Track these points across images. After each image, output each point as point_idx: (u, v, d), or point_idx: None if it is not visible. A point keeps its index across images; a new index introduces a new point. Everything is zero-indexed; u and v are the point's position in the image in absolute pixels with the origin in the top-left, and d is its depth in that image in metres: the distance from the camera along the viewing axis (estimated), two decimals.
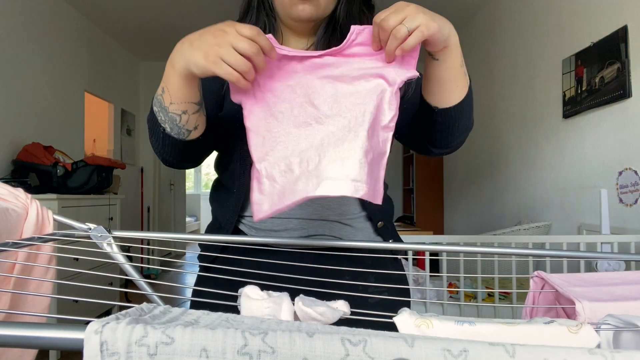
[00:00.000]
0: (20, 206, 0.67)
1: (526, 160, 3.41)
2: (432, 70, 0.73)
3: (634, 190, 2.27)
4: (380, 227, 0.89)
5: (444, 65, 0.71)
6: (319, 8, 0.83)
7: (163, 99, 0.71)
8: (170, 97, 0.70)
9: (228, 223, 0.87)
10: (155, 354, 0.33)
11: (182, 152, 0.79)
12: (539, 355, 0.33)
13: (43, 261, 0.68)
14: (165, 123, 0.73)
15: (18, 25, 3.38)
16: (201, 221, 10.08)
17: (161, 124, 0.74)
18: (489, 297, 2.52)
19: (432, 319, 0.45)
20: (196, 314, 0.40)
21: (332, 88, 0.67)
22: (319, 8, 0.83)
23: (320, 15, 0.85)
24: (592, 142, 2.63)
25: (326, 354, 0.33)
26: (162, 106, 0.72)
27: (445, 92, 0.74)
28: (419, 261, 3.44)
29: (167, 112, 0.72)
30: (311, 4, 0.82)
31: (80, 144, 4.32)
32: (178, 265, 6.22)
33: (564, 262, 2.18)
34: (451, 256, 2.50)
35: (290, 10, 0.84)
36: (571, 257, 0.71)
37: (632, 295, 0.57)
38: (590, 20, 2.64)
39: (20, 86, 3.40)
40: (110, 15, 4.38)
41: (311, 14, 0.83)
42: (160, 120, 0.74)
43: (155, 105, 0.73)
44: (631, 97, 2.30)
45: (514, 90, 3.59)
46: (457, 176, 4.89)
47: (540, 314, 0.65)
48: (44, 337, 0.34)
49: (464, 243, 2.23)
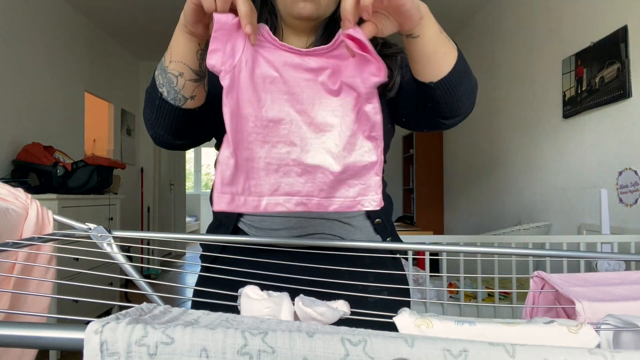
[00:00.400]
0: (20, 206, 0.67)
1: (526, 160, 3.41)
2: (415, 49, 0.71)
3: (634, 190, 2.27)
4: (378, 224, 0.89)
5: (426, 39, 0.69)
6: (319, 7, 0.84)
7: (164, 59, 0.73)
8: (171, 55, 0.71)
9: (228, 221, 0.88)
10: (155, 354, 0.33)
11: (175, 123, 0.78)
12: (539, 355, 0.33)
13: (43, 261, 0.68)
14: (162, 87, 0.74)
15: (18, 25, 3.38)
16: (201, 221, 10.08)
17: (159, 88, 0.74)
18: (489, 297, 2.52)
19: (432, 319, 0.45)
20: (196, 314, 0.40)
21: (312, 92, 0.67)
22: (319, 7, 0.84)
23: (321, 14, 0.85)
24: (592, 142, 2.63)
25: (326, 354, 0.33)
26: (162, 67, 0.73)
27: (435, 64, 0.72)
28: (419, 261, 3.44)
29: (166, 72, 0.73)
30: (312, 2, 0.83)
31: (80, 144, 4.32)
32: (178, 265, 6.22)
33: (564, 262, 2.18)
34: (451, 256, 2.50)
35: (292, 8, 0.84)
36: (571, 257, 0.71)
37: (632, 295, 0.57)
38: (590, 20, 2.64)
39: (20, 86, 3.41)
40: (110, 15, 4.38)
41: (312, 12, 0.84)
42: (159, 83, 0.74)
43: (157, 69, 0.75)
44: (631, 97, 2.30)
45: (514, 90, 3.59)
46: (457, 176, 4.89)
47: (540, 314, 0.65)
48: (44, 337, 0.34)
49: (464, 243, 2.23)
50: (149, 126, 0.81)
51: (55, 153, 3.41)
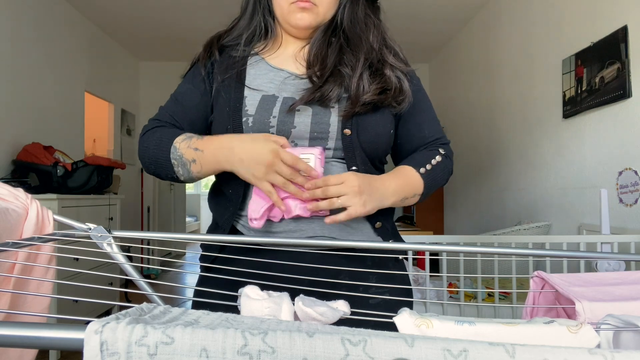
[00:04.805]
0: (20, 206, 0.67)
1: (526, 160, 3.41)
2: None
3: (634, 190, 2.27)
4: (378, 227, 0.89)
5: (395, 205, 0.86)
6: (317, 16, 0.85)
7: (191, 168, 0.82)
8: (200, 171, 0.83)
9: (225, 224, 0.88)
10: (155, 354, 0.32)
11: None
12: (539, 355, 0.33)
13: (43, 261, 0.68)
14: (180, 174, 0.85)
15: (18, 25, 3.38)
16: (201, 221, 10.07)
17: (174, 169, 0.84)
18: (489, 297, 2.52)
19: (432, 319, 0.45)
20: (196, 314, 0.40)
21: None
22: (317, 16, 0.85)
23: (319, 22, 0.87)
24: (592, 142, 2.63)
25: (326, 354, 0.33)
26: (187, 168, 0.83)
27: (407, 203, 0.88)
28: (419, 261, 3.44)
29: (190, 173, 0.84)
30: (310, 13, 0.83)
31: (80, 144, 4.32)
32: (178, 265, 6.22)
33: (564, 262, 2.18)
34: (451, 256, 2.50)
35: (289, 17, 0.85)
36: (571, 257, 0.71)
37: (632, 295, 0.57)
38: (590, 20, 2.64)
39: (20, 86, 3.40)
40: (110, 15, 4.38)
41: (310, 22, 0.85)
42: (177, 172, 0.84)
43: (176, 160, 0.83)
44: (631, 97, 2.30)
45: (514, 90, 3.59)
46: (457, 176, 4.89)
47: (540, 314, 0.65)
48: (44, 337, 0.34)
49: (464, 243, 2.23)
50: (147, 168, 0.90)
51: (55, 153, 3.40)
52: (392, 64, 0.88)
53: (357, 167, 0.85)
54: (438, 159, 0.89)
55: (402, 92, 0.87)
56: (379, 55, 0.88)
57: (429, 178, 0.87)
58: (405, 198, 0.85)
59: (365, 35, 0.88)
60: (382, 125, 0.87)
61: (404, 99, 0.88)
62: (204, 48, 0.94)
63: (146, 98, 5.80)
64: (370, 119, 0.86)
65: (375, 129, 0.86)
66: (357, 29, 0.88)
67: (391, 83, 0.86)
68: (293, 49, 0.92)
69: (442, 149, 0.92)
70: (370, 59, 0.87)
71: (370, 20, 0.90)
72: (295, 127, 0.84)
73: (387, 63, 0.88)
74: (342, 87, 0.85)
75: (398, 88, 0.87)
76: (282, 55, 0.92)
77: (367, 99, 0.84)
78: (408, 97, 0.88)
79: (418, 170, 0.86)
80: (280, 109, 0.84)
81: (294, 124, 0.84)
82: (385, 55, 0.89)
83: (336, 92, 0.84)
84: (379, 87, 0.85)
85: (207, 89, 0.91)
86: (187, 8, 4.19)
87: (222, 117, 0.86)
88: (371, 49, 0.88)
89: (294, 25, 0.86)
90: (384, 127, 0.88)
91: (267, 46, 0.94)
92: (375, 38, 0.89)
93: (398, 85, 0.87)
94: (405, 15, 4.25)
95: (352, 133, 0.84)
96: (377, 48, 0.89)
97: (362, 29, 0.88)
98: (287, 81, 0.88)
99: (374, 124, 0.86)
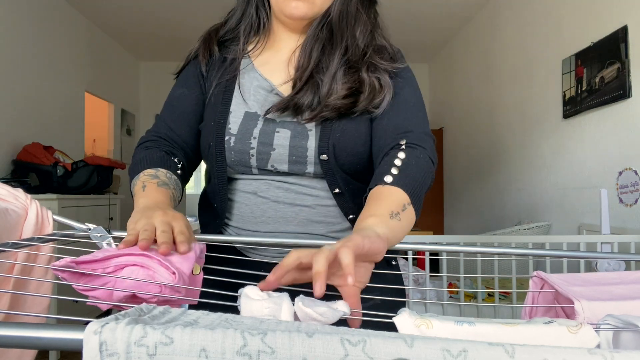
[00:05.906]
0: (20, 206, 0.67)
1: (526, 160, 3.41)
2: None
3: (634, 190, 2.27)
4: None
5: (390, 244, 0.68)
6: (313, 6, 0.82)
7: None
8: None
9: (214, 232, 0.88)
10: (154, 354, 0.32)
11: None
12: (539, 355, 0.33)
13: (43, 261, 0.68)
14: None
15: (18, 25, 3.38)
16: None
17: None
18: (489, 297, 2.52)
19: (432, 319, 0.45)
20: (195, 314, 0.40)
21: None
22: (313, 6, 0.82)
23: (315, 13, 0.83)
24: (592, 142, 2.63)
25: (325, 354, 0.33)
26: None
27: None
28: (419, 261, 3.44)
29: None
30: (305, 2, 0.81)
31: (80, 144, 4.32)
32: None
33: (564, 262, 2.18)
34: (451, 256, 2.50)
35: (284, 6, 0.82)
36: (571, 257, 0.71)
37: (631, 295, 0.57)
38: (590, 20, 2.64)
39: (20, 86, 3.40)
40: (110, 15, 4.38)
41: (305, 12, 0.82)
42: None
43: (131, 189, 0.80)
44: (631, 97, 2.30)
45: (514, 90, 3.59)
46: (457, 176, 4.89)
47: (540, 314, 0.65)
48: (43, 337, 0.34)
49: (464, 243, 2.23)
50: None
51: (55, 153, 3.41)
52: (375, 62, 0.84)
53: (340, 188, 0.83)
54: (401, 156, 0.76)
55: (379, 93, 0.81)
56: (362, 52, 0.84)
57: (401, 180, 0.73)
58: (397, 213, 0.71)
59: (351, 30, 0.84)
60: (362, 143, 0.82)
61: (382, 102, 0.82)
62: (202, 43, 0.92)
63: (146, 98, 5.80)
64: (348, 140, 0.81)
65: (354, 148, 0.82)
66: (343, 22, 0.83)
67: (364, 84, 0.81)
68: (286, 51, 0.89)
69: (402, 143, 0.78)
70: (349, 55, 0.83)
71: (360, 15, 0.85)
72: (274, 149, 0.82)
73: (366, 62, 0.83)
74: (316, 95, 0.81)
75: (376, 89, 0.81)
76: (273, 60, 0.89)
77: (338, 103, 0.79)
78: (387, 99, 0.82)
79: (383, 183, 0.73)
80: (261, 131, 0.82)
81: (273, 146, 0.82)
82: (368, 52, 0.84)
83: (308, 99, 0.81)
84: (349, 87, 0.80)
85: (201, 91, 0.90)
86: (188, 8, 4.19)
87: (208, 130, 0.85)
88: (353, 45, 0.83)
89: (289, 14, 0.82)
90: (364, 144, 0.83)
91: (259, 43, 0.91)
92: (363, 34, 0.85)
93: (376, 85, 0.82)
94: (405, 15, 4.25)
95: (329, 158, 0.81)
96: (361, 45, 0.84)
97: (349, 23, 0.84)
98: (269, 98, 0.85)
99: (352, 144, 0.81)
